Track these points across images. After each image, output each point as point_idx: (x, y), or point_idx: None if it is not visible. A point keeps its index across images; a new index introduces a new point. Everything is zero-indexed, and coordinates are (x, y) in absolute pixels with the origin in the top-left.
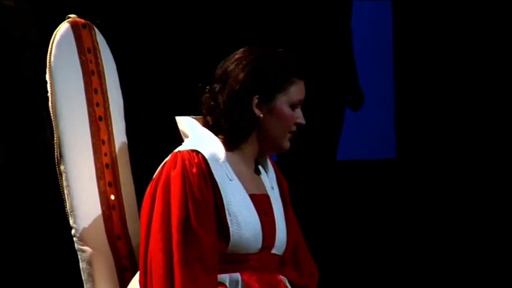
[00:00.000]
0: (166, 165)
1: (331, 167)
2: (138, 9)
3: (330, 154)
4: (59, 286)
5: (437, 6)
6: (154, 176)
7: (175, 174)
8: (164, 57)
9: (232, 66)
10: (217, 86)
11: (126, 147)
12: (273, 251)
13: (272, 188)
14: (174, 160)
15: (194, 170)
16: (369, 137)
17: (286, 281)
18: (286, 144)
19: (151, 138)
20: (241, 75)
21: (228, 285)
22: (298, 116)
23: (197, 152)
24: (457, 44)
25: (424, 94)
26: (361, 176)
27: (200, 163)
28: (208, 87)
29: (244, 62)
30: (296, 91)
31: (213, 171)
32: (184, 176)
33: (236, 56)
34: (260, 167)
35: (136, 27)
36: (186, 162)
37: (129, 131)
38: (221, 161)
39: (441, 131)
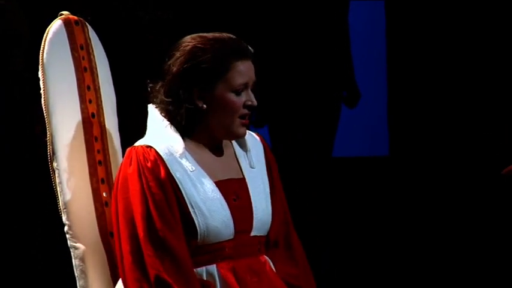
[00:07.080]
0: (123, 163)
1: (326, 164)
2: (133, 8)
3: (325, 151)
4: (51, 283)
5: (429, 5)
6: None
7: (132, 172)
8: (157, 53)
9: (169, 61)
10: (159, 83)
11: (119, 144)
12: (253, 233)
13: (252, 167)
14: (129, 156)
15: (149, 165)
16: (362, 134)
17: (271, 262)
18: (240, 130)
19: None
20: (175, 70)
21: (205, 279)
22: (246, 98)
23: (151, 148)
24: (449, 41)
25: (417, 92)
26: (355, 172)
27: (156, 159)
28: (151, 84)
29: (179, 55)
30: (236, 76)
31: (169, 166)
32: (140, 172)
33: (174, 50)
34: (236, 148)
35: (129, 24)
36: (141, 157)
37: (122, 128)
38: (179, 153)
39: (434, 128)
